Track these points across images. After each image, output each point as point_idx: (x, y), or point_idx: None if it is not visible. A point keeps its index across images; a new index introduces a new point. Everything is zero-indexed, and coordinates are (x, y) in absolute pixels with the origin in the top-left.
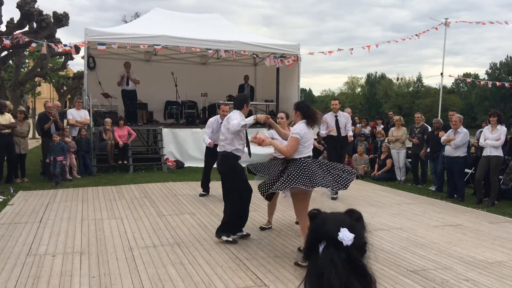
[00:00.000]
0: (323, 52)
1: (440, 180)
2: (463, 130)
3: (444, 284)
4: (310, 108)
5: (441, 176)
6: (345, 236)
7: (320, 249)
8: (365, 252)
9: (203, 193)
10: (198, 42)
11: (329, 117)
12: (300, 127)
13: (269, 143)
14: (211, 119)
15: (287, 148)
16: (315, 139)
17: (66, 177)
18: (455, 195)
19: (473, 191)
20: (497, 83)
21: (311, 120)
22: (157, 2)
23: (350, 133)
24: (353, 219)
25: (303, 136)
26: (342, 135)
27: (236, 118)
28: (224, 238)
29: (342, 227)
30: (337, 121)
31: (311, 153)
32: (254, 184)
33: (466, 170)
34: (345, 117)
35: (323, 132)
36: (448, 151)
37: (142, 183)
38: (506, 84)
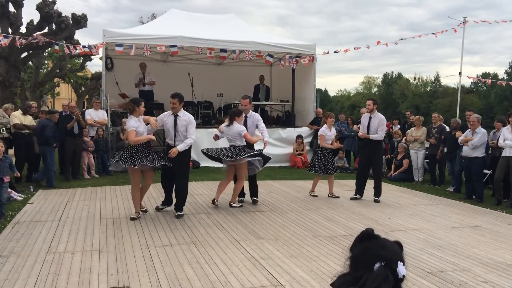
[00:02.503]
0: (337, 51)
1: (458, 181)
2: (481, 131)
3: (462, 286)
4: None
5: (459, 177)
6: (401, 270)
7: (376, 266)
8: (402, 281)
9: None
10: (214, 43)
11: (364, 117)
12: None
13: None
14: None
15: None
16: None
17: (82, 177)
18: (474, 196)
19: (492, 192)
20: None
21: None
22: (172, 3)
23: (375, 136)
24: (402, 254)
25: (136, 128)
26: (371, 137)
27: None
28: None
29: (400, 261)
30: (369, 123)
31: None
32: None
33: (485, 171)
34: (378, 119)
35: (360, 133)
36: (466, 151)
37: (159, 182)
38: None
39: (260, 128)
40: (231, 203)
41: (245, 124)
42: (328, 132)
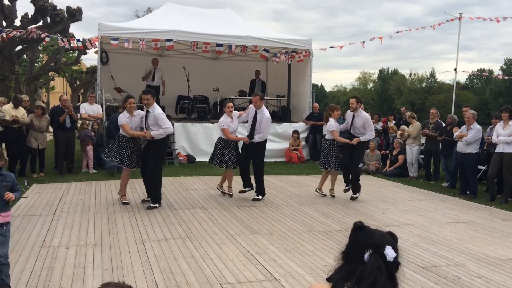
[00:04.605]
0: (334, 47)
1: (452, 176)
2: (475, 127)
3: (456, 280)
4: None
5: (454, 173)
6: (390, 253)
7: (366, 255)
8: (397, 270)
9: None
10: (210, 37)
11: (348, 116)
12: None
13: None
14: (251, 106)
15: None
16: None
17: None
18: (468, 192)
19: (486, 187)
20: None
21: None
22: None
23: (364, 137)
24: (395, 241)
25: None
26: (357, 136)
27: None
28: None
29: (388, 245)
30: (353, 121)
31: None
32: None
33: (480, 167)
34: (362, 118)
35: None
36: (460, 147)
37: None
38: None
39: (260, 129)
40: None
41: (255, 119)
42: (338, 126)
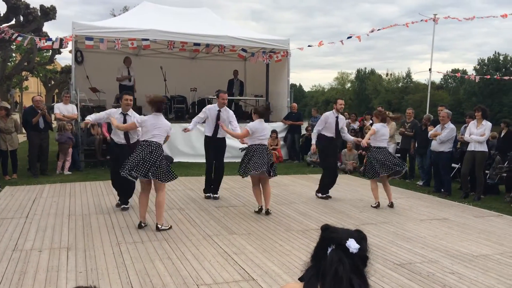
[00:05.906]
0: (311, 46)
1: (427, 175)
2: (449, 126)
3: (430, 277)
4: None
5: (428, 171)
6: (352, 245)
7: (329, 251)
8: (366, 265)
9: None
10: (187, 37)
11: (331, 118)
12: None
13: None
14: (209, 106)
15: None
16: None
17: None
18: (442, 190)
19: (460, 185)
20: (486, 77)
21: None
22: None
23: (352, 138)
24: (360, 236)
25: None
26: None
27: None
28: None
29: (351, 238)
30: (337, 123)
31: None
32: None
33: (453, 165)
34: (343, 120)
35: (319, 128)
36: (434, 146)
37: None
38: (496, 76)
39: (234, 127)
40: (269, 209)
41: (218, 118)
42: None
